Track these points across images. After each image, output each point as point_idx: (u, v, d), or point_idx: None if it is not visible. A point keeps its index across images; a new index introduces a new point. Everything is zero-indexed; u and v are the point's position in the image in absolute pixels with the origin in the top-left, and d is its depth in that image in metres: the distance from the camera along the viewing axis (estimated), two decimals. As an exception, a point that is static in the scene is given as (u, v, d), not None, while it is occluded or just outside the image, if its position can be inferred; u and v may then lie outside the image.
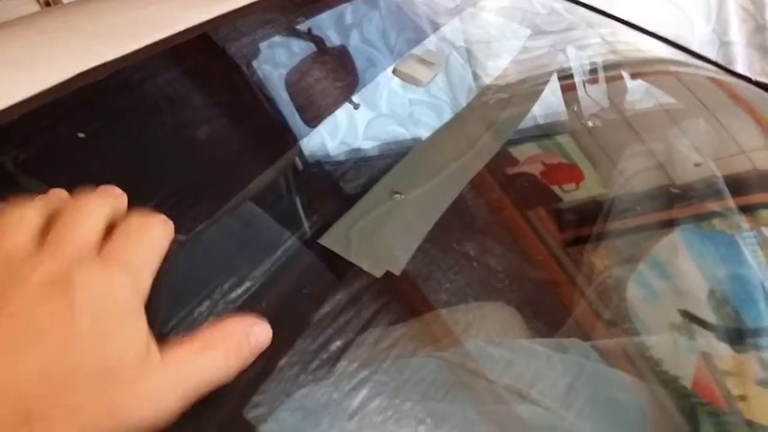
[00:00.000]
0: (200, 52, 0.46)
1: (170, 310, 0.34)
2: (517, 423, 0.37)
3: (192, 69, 0.40)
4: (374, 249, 0.41)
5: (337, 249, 0.40)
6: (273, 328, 0.35)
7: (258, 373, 0.33)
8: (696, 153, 0.61)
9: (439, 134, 0.53)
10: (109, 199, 0.28)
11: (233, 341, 0.28)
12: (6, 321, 0.23)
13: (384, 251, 0.42)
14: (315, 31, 0.53)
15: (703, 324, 0.51)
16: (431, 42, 0.59)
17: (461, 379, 0.37)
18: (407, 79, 0.54)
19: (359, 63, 0.55)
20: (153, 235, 0.28)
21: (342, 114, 0.51)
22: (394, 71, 0.55)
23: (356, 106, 0.51)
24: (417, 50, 0.57)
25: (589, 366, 0.44)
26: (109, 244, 0.26)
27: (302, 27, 0.53)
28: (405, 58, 0.55)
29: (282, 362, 0.34)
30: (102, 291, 0.24)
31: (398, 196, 0.46)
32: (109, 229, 0.27)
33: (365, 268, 0.40)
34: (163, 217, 0.29)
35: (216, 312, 0.35)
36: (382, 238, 0.43)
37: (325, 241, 0.41)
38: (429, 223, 0.45)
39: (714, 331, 0.51)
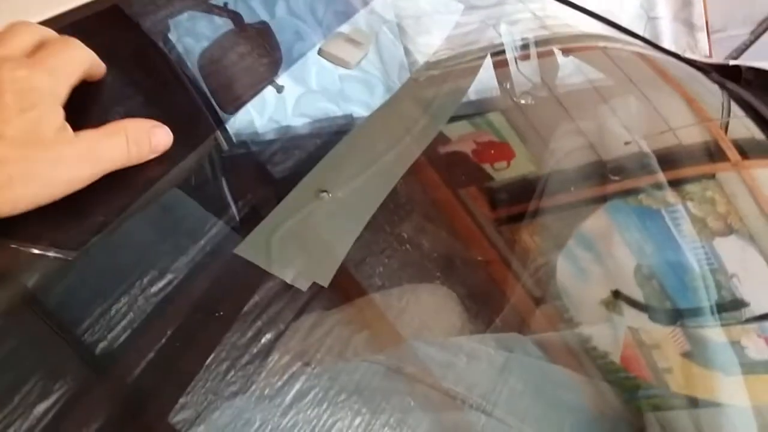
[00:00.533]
0: (110, 26, 0.44)
1: (87, 305, 0.32)
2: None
3: (101, 45, 0.37)
4: (299, 258, 0.38)
5: (257, 260, 0.37)
6: (197, 323, 0.34)
7: (184, 373, 0.32)
8: (626, 131, 0.62)
9: (369, 122, 0.51)
10: (40, 27, 0.36)
11: (135, 134, 0.35)
12: None
13: (309, 260, 0.39)
14: (236, 5, 0.51)
15: (630, 300, 0.53)
16: (361, 17, 0.57)
17: (399, 384, 0.37)
18: (334, 60, 0.52)
19: (286, 37, 0.53)
20: (73, 52, 0.35)
21: (270, 90, 0.49)
22: (320, 52, 0.53)
23: (279, 89, 0.50)
24: (344, 28, 0.55)
25: (533, 365, 0.44)
26: (35, 55, 0.33)
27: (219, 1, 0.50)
28: (332, 38, 0.53)
29: (209, 359, 0.33)
30: (24, 80, 0.31)
31: (325, 194, 0.43)
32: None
33: (289, 280, 0.37)
34: (80, 43, 0.36)
35: (135, 308, 0.33)
36: (307, 245, 0.40)
37: (243, 251, 0.37)
38: (359, 225, 0.42)
39: (640, 306, 0.53)
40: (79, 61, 0.36)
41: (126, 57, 0.43)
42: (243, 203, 0.41)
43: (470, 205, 0.55)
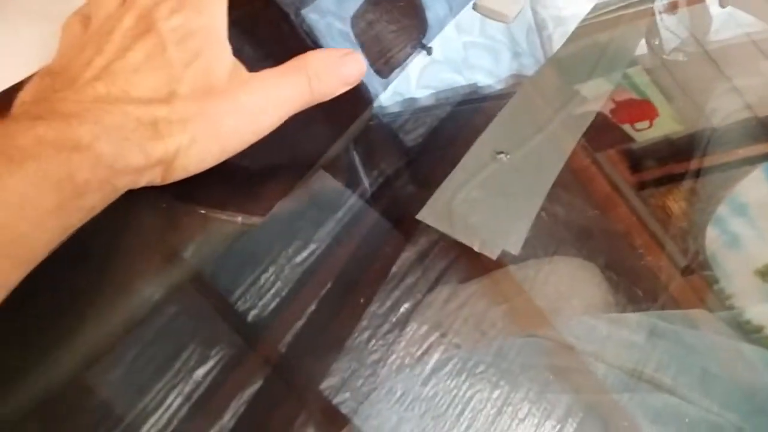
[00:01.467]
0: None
1: (239, 278, 0.34)
2: (650, 414, 0.35)
3: (239, 20, 0.39)
4: (484, 224, 0.37)
5: (440, 226, 0.36)
6: (339, 292, 0.36)
7: (329, 342, 0.34)
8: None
9: (534, 82, 0.49)
10: None
11: (318, 69, 0.33)
12: (110, 64, 0.28)
13: (496, 226, 0.37)
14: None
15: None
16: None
17: (569, 362, 0.35)
18: (490, 14, 0.50)
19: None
20: None
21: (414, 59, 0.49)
22: (475, 6, 0.51)
23: (429, 51, 0.49)
24: None
25: (723, 344, 0.41)
26: None
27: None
28: None
29: (352, 328, 0.34)
30: (182, 26, 0.30)
31: (503, 156, 0.41)
32: None
33: (476, 248, 0.36)
34: None
35: (282, 277, 0.35)
36: (490, 210, 0.38)
37: (425, 216, 0.36)
38: (544, 188, 0.40)
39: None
40: None
41: (262, 31, 0.44)
42: (377, 174, 0.42)
43: (609, 169, 0.53)
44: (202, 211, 0.33)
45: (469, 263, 0.40)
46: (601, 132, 0.56)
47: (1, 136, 0.24)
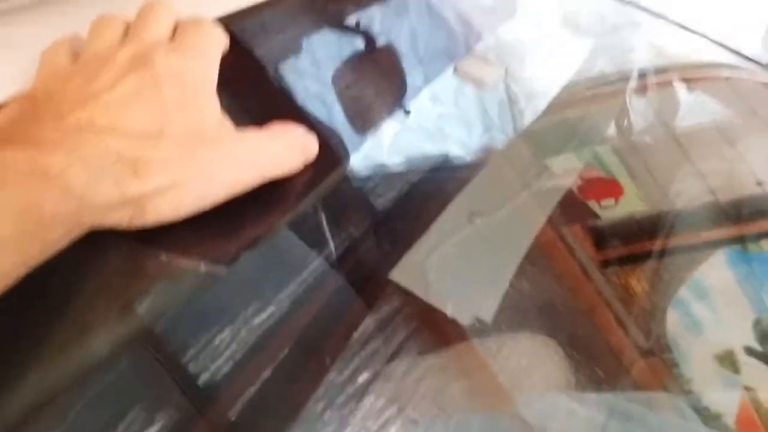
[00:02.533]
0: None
1: (191, 337, 0.34)
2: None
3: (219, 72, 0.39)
4: (457, 288, 0.37)
5: (413, 287, 0.36)
6: (297, 358, 0.36)
7: (283, 410, 0.33)
8: (755, 173, 0.59)
9: (512, 147, 0.50)
10: (172, 7, 0.34)
11: (295, 140, 0.34)
12: (100, 93, 0.28)
13: (469, 291, 0.37)
14: (355, 31, 0.52)
15: (750, 354, 0.50)
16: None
17: None
18: (470, 80, 0.51)
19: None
20: (213, 31, 0.33)
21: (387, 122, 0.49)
22: (455, 71, 0.52)
23: (407, 113, 0.50)
24: (477, 49, 0.54)
25: (683, 427, 0.41)
26: (176, 39, 0.32)
27: (332, 25, 0.52)
28: (467, 58, 0.53)
29: (307, 397, 0.34)
30: (178, 69, 0.30)
31: (479, 219, 0.41)
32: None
33: (449, 313, 0.36)
34: (211, 21, 0.34)
35: (238, 339, 0.35)
36: (464, 273, 0.38)
37: (397, 276, 0.36)
38: (518, 253, 0.40)
39: (759, 362, 0.50)
40: (219, 41, 0.34)
41: (240, 84, 0.45)
42: (344, 236, 0.42)
43: (574, 244, 0.54)
44: (164, 258, 0.33)
45: (432, 333, 0.40)
46: (568, 207, 0.57)
47: None
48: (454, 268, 0.39)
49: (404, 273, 0.37)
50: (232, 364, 0.33)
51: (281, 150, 0.34)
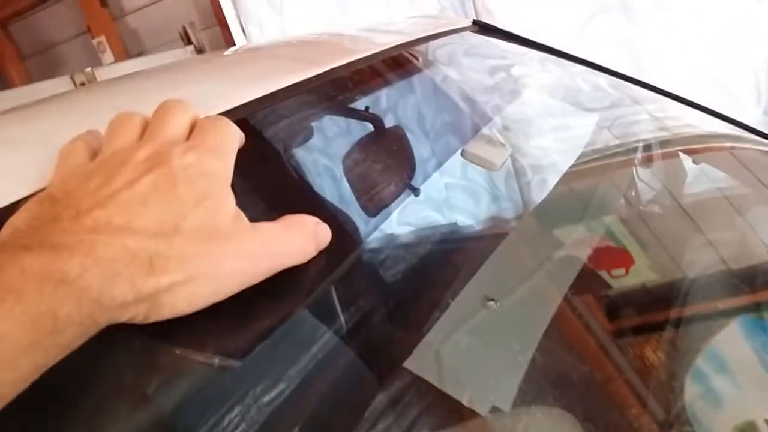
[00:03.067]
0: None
1: (200, 415, 0.33)
2: None
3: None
4: (473, 376, 0.36)
5: (428, 376, 0.35)
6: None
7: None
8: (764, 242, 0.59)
9: (522, 228, 0.50)
10: (189, 104, 0.35)
11: (307, 229, 0.35)
12: (117, 194, 0.29)
13: (486, 379, 0.36)
14: (359, 113, 0.54)
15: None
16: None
17: None
18: (478, 161, 0.53)
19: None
20: (228, 128, 0.34)
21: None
22: (463, 153, 0.53)
23: (417, 193, 0.51)
24: (485, 130, 0.56)
25: None
26: (193, 137, 0.33)
27: (337, 112, 0.53)
28: (474, 140, 0.55)
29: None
30: (195, 166, 0.31)
31: (493, 303, 0.40)
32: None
33: (465, 403, 0.35)
34: (227, 119, 0.35)
35: (248, 418, 0.34)
36: (481, 360, 0.37)
37: (412, 365, 0.35)
38: (534, 340, 0.39)
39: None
40: (236, 137, 0.35)
41: (252, 168, 0.46)
42: (354, 311, 0.42)
43: (586, 315, 0.54)
44: (178, 352, 0.33)
45: (445, 409, 0.39)
46: (579, 277, 0.57)
47: None
48: (470, 354, 0.38)
49: (419, 362, 0.36)
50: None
51: (295, 240, 0.34)
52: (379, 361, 0.39)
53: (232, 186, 0.33)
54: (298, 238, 0.35)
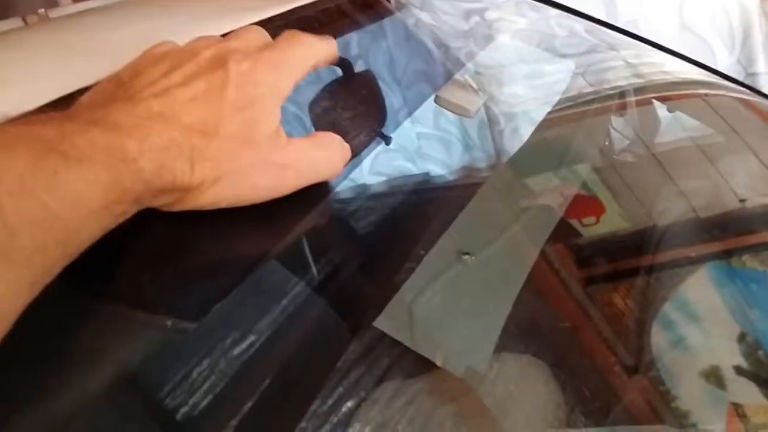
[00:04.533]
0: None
1: (171, 370, 0.33)
2: None
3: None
4: (447, 336, 0.35)
5: (399, 335, 0.34)
6: (278, 389, 0.35)
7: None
8: (736, 189, 0.60)
9: (496, 179, 0.50)
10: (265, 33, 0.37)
11: (336, 146, 0.38)
12: (173, 89, 0.31)
13: (461, 338, 0.35)
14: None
15: (737, 371, 0.50)
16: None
17: None
18: (452, 108, 0.52)
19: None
20: (300, 48, 0.36)
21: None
22: (437, 99, 0.53)
23: (388, 141, 0.50)
24: (458, 76, 0.55)
25: None
26: (265, 50, 0.34)
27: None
28: (447, 86, 0.54)
29: (293, 426, 0.33)
30: (248, 74, 0.32)
31: (468, 257, 0.39)
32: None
33: (439, 363, 0.34)
34: (317, 38, 0.37)
35: (217, 371, 0.34)
36: (454, 319, 0.36)
37: (382, 324, 0.34)
38: (510, 296, 0.38)
39: (745, 378, 0.50)
40: (306, 56, 0.36)
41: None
42: (326, 262, 0.41)
43: (557, 263, 0.54)
44: (129, 315, 0.32)
45: (418, 357, 0.39)
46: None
47: (57, 133, 0.25)
48: (444, 312, 0.37)
49: (390, 320, 0.35)
50: (213, 397, 0.33)
51: (324, 156, 0.37)
52: (350, 314, 0.39)
53: None
54: (328, 154, 0.37)
